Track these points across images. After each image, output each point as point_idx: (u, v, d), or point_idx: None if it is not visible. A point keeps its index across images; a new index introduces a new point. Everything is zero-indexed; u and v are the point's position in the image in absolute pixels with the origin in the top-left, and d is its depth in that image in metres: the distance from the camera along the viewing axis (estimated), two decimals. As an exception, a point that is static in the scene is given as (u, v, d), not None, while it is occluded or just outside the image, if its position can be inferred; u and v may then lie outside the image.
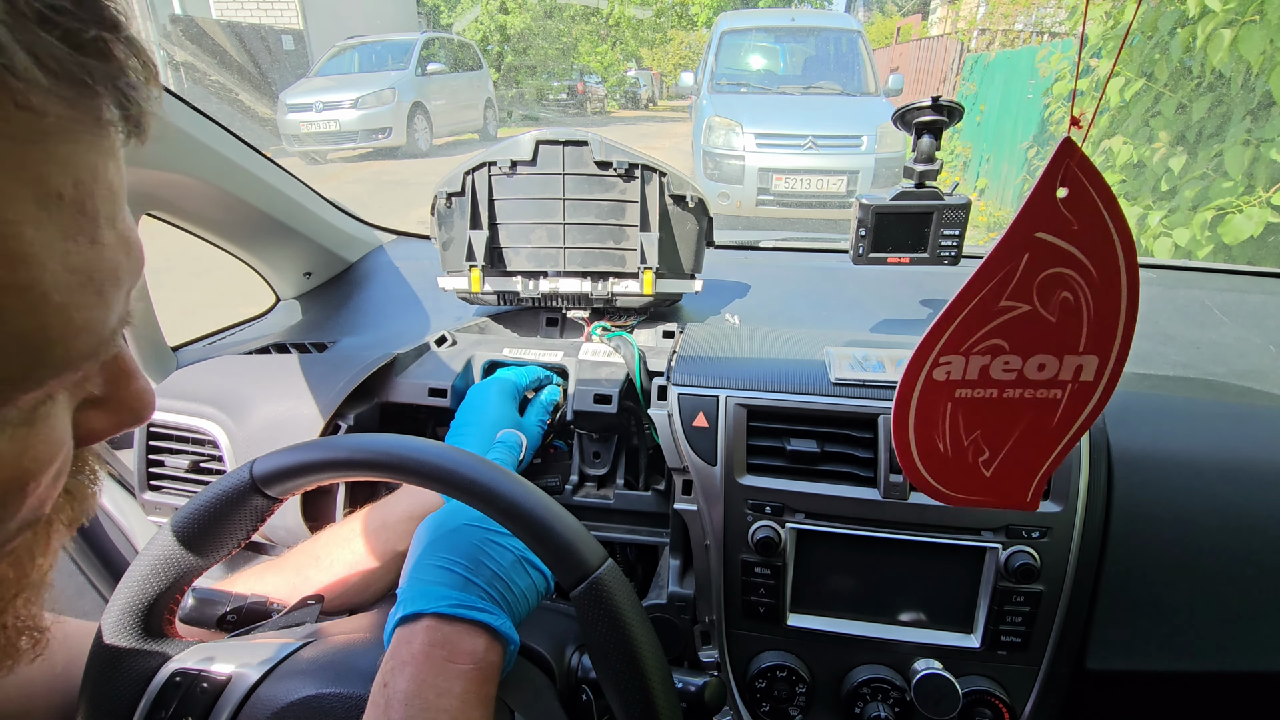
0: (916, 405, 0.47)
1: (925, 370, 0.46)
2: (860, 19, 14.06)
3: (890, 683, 0.74)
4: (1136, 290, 0.43)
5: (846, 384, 0.75)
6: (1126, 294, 0.43)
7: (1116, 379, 0.46)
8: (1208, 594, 0.71)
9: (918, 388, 0.46)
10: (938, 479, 0.51)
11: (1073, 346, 0.45)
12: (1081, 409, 0.47)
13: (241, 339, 1.14)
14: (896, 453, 0.49)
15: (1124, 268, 0.43)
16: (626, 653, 0.42)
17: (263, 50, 11.03)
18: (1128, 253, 0.42)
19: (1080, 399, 0.47)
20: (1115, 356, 0.45)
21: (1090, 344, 0.45)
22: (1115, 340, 0.45)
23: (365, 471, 0.47)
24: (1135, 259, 0.43)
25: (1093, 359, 0.45)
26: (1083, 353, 0.45)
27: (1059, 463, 0.50)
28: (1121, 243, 0.42)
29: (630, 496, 0.87)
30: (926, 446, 0.49)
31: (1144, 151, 3.09)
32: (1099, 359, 0.45)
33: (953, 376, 0.46)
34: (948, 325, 0.44)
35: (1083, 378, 0.46)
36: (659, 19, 18.28)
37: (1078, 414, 0.48)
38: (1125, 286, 0.43)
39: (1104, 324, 0.44)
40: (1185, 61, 2.88)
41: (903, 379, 0.47)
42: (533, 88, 16.87)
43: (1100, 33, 3.42)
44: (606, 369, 0.86)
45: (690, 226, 0.91)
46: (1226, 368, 0.89)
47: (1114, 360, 0.45)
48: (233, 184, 0.95)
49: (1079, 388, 0.47)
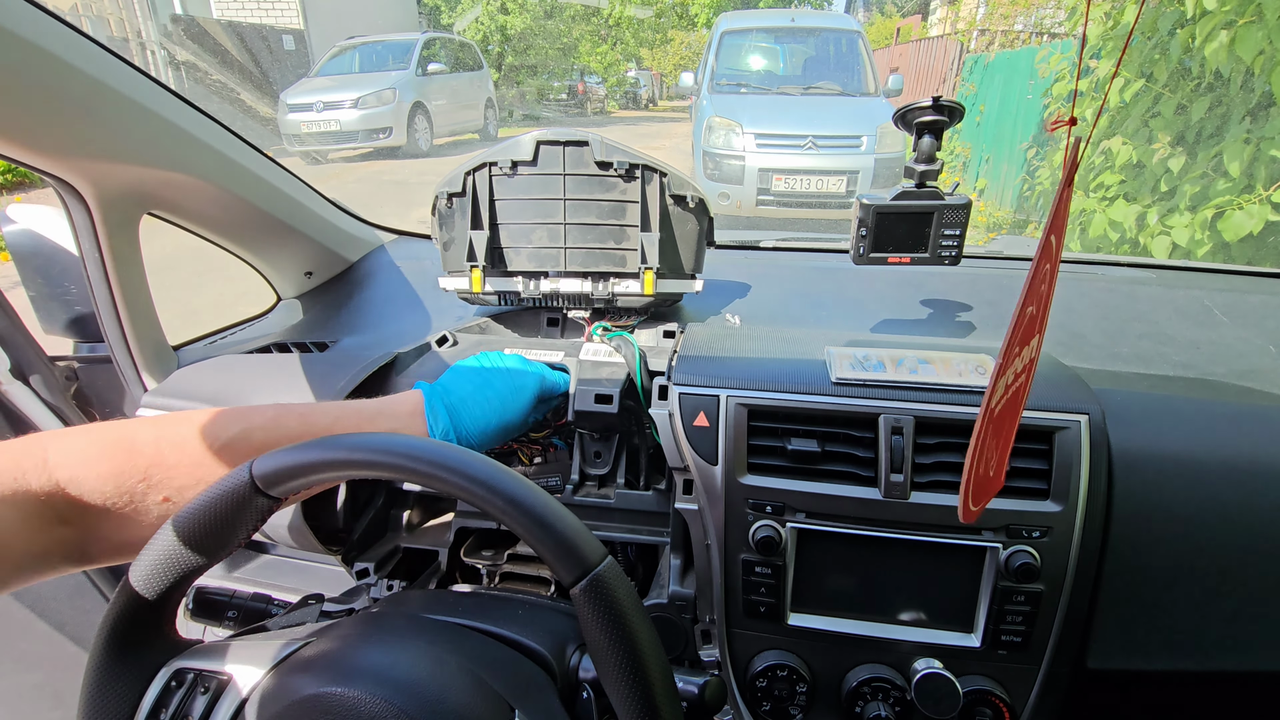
0: (981, 440, 0.46)
1: (989, 404, 0.45)
2: (860, 19, 14.08)
3: (891, 682, 0.74)
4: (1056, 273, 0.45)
5: (847, 384, 0.75)
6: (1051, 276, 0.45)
7: (1040, 347, 0.48)
8: (1208, 593, 0.71)
9: (985, 424, 0.45)
10: (976, 503, 0.50)
11: (1035, 332, 0.47)
12: (1029, 385, 0.49)
13: (242, 338, 1.15)
14: (961, 495, 0.48)
15: (1055, 250, 0.44)
16: (627, 650, 0.42)
17: (263, 50, 11.03)
18: (1061, 235, 0.44)
19: (1030, 376, 0.49)
20: (1043, 331, 0.47)
21: (1040, 325, 0.47)
22: (1048, 316, 0.47)
23: (365, 470, 0.47)
24: (1064, 238, 0.44)
25: (1038, 338, 0.47)
26: (1037, 333, 0.47)
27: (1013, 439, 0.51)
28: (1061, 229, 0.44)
29: (631, 496, 0.87)
30: (981, 477, 0.48)
31: (1143, 152, 3.09)
32: (1039, 336, 0.47)
33: (995, 397, 0.45)
34: (1008, 352, 0.44)
35: (1033, 356, 0.48)
36: (659, 19, 18.29)
37: (1028, 390, 0.50)
38: (1053, 266, 0.45)
39: (1048, 305, 0.46)
40: (1184, 62, 2.89)
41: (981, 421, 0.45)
42: (533, 88, 16.88)
43: (1100, 33, 3.42)
44: (607, 369, 0.86)
45: (691, 227, 0.91)
46: (1226, 368, 0.89)
47: (1042, 335, 0.48)
48: (234, 183, 0.95)
49: (1029, 366, 0.49)
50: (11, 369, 0.99)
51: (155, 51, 8.95)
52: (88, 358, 1.11)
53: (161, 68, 8.90)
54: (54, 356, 1.07)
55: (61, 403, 1.04)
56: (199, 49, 9.50)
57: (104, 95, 0.74)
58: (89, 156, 0.78)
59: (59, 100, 0.70)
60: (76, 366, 1.12)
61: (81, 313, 1.06)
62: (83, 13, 8.24)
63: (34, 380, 1.02)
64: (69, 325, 1.08)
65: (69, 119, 0.73)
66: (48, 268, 1.04)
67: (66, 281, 1.05)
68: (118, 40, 8.51)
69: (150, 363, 0.96)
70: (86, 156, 0.78)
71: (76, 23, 0.71)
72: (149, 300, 0.96)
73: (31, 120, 0.70)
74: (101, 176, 0.82)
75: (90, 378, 1.12)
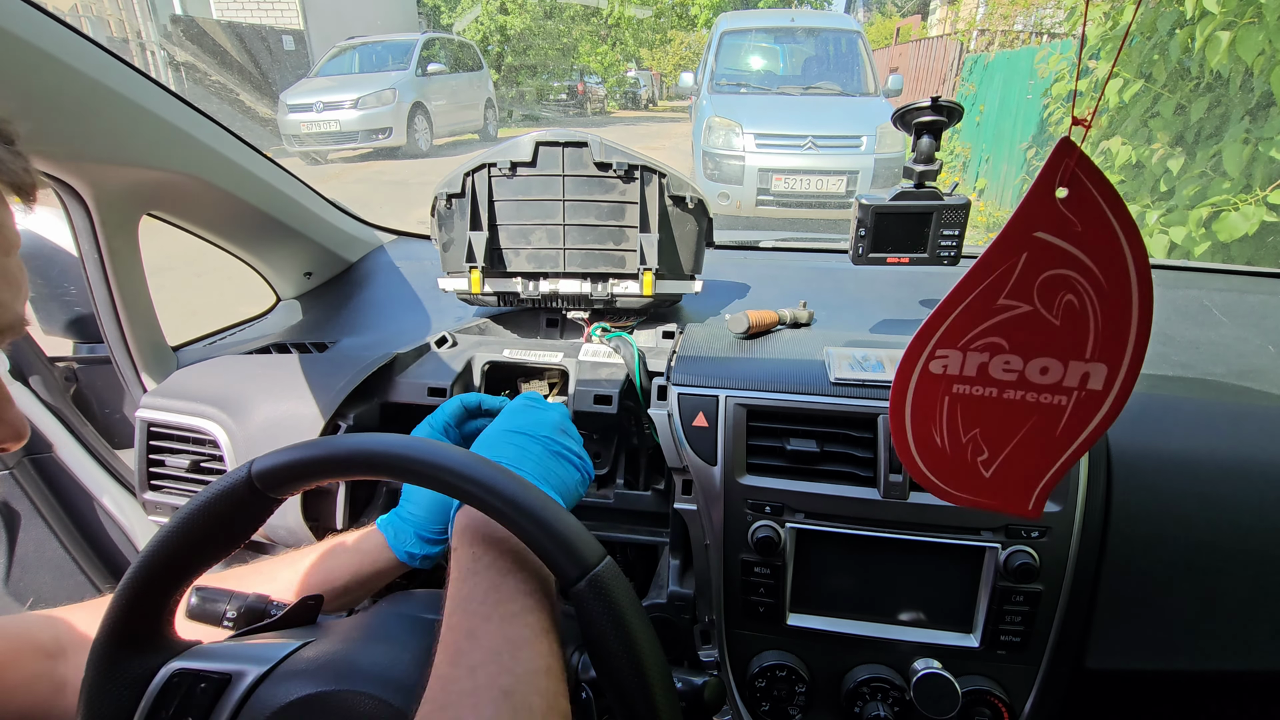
0: (913, 396, 0.47)
1: (921, 362, 0.45)
2: (860, 19, 14.08)
3: (890, 682, 0.74)
4: (1149, 298, 0.41)
5: (846, 384, 0.75)
6: (1138, 301, 0.42)
7: (1129, 390, 0.44)
8: (1207, 593, 0.71)
9: (914, 379, 0.46)
10: (937, 475, 0.50)
11: (1078, 352, 0.44)
12: (1089, 418, 0.46)
13: (242, 339, 1.15)
14: (894, 445, 0.49)
15: (1134, 274, 0.41)
16: (626, 650, 0.42)
17: (263, 50, 11.03)
18: (1138, 258, 0.41)
19: (1088, 408, 0.45)
20: (1127, 366, 0.43)
21: (1098, 351, 0.43)
22: (1127, 349, 0.43)
23: (365, 471, 0.47)
24: (1147, 265, 0.41)
25: (1101, 367, 0.44)
26: (1089, 359, 0.44)
27: (1064, 472, 0.48)
28: (1131, 247, 0.40)
29: (630, 496, 0.87)
30: (924, 440, 0.49)
31: (1143, 152, 3.09)
32: (1108, 368, 0.44)
33: (949, 370, 0.46)
34: (943, 319, 0.44)
35: (1090, 386, 0.45)
36: (659, 19, 18.28)
37: (1085, 423, 0.46)
38: (1136, 293, 0.41)
39: (1113, 331, 0.43)
40: (1184, 62, 2.89)
41: (899, 369, 0.46)
42: (533, 88, 16.88)
43: (1099, 34, 3.42)
44: (606, 369, 0.86)
45: (690, 227, 0.91)
46: (1225, 367, 0.89)
47: (1125, 370, 0.44)
48: (233, 184, 0.95)
49: (1086, 396, 0.45)
50: (11, 370, 1.00)
51: (155, 52, 8.95)
52: (87, 358, 1.11)
53: (161, 68, 8.90)
54: (53, 357, 1.07)
55: (61, 403, 1.04)
56: (199, 50, 9.50)
57: (103, 97, 0.74)
58: (88, 158, 0.78)
59: (59, 102, 0.70)
60: (76, 367, 1.12)
61: (81, 313, 1.07)
62: (83, 13, 8.23)
63: (34, 381, 1.02)
64: (68, 326, 1.08)
65: (69, 120, 0.73)
66: (47, 268, 1.05)
67: (66, 282, 1.05)
68: (118, 41, 8.50)
69: (149, 363, 0.96)
70: (86, 158, 0.78)
71: (76, 24, 0.71)
72: (148, 301, 0.96)
73: (32, 121, 0.70)
74: (101, 178, 0.82)
75: (90, 378, 1.12)
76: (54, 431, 1.03)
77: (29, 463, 1.02)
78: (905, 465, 0.50)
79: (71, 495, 1.06)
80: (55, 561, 1.04)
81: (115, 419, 1.13)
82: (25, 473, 1.01)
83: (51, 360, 1.06)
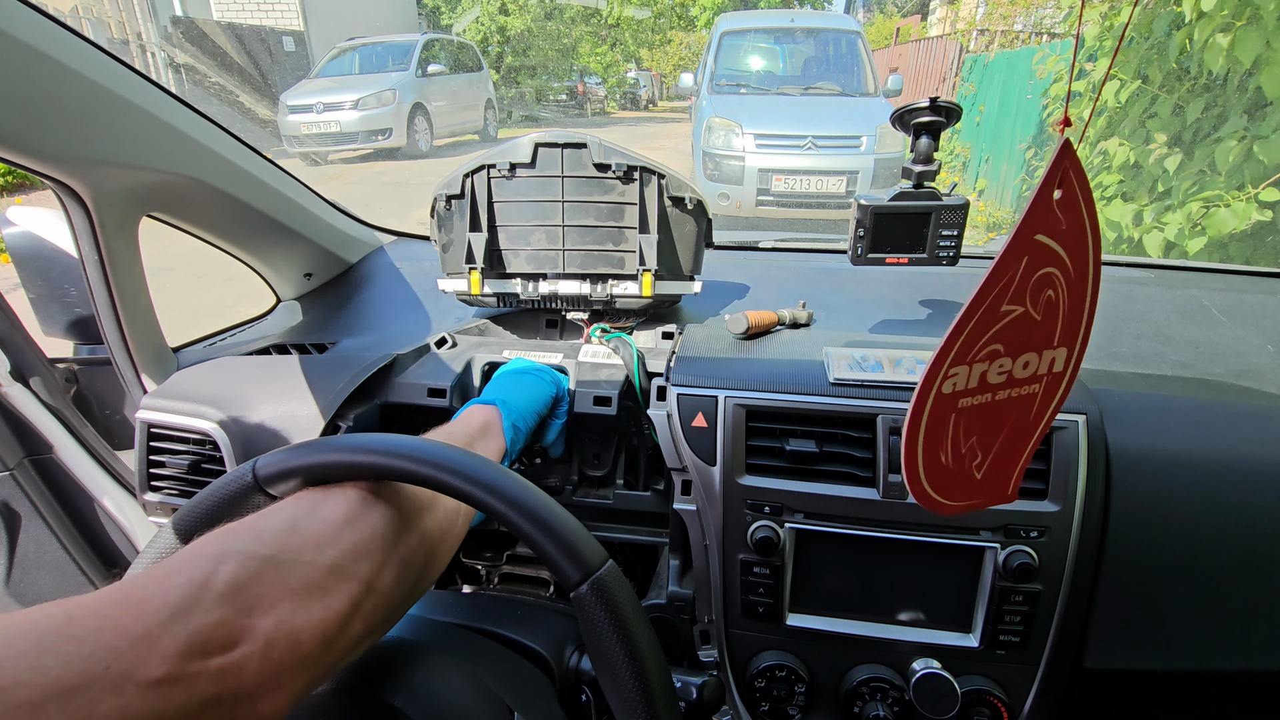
0: (926, 423, 0.46)
1: (936, 385, 0.45)
2: (860, 20, 14.08)
3: (889, 682, 0.74)
4: (1099, 282, 0.45)
5: (845, 384, 0.75)
6: (1092, 286, 0.45)
7: (1079, 365, 0.48)
8: (1205, 593, 0.71)
9: (928, 404, 0.46)
10: (939, 492, 0.50)
11: (1049, 341, 0.46)
12: (1052, 399, 0.49)
13: (242, 340, 1.15)
14: (905, 472, 0.49)
15: (1092, 262, 0.44)
16: (626, 653, 0.43)
17: (263, 52, 11.04)
18: (1097, 247, 0.44)
19: (1052, 389, 0.48)
20: (1080, 345, 0.47)
21: (1063, 337, 0.46)
22: (1081, 330, 0.46)
23: (365, 472, 0.47)
24: (1101, 252, 0.44)
25: (1063, 350, 0.47)
26: (1056, 346, 0.46)
27: (1034, 452, 0.51)
28: (1094, 239, 0.43)
29: (630, 497, 0.87)
30: (932, 461, 0.49)
31: (1140, 153, 3.09)
32: (1068, 350, 0.47)
33: (958, 388, 0.46)
34: (959, 336, 0.44)
35: (1055, 369, 0.47)
36: (659, 20, 18.29)
37: (1049, 404, 0.49)
38: (1092, 279, 0.45)
39: (1074, 316, 0.46)
40: (1181, 63, 2.89)
41: (914, 403, 0.46)
42: (533, 89, 16.89)
43: (1097, 34, 3.43)
44: (606, 370, 0.86)
45: (689, 228, 0.92)
46: (1224, 367, 0.89)
47: (1078, 349, 0.47)
48: (233, 185, 0.95)
49: (1051, 379, 0.48)
50: (11, 371, 1.00)
51: (155, 54, 8.95)
52: (87, 360, 1.11)
53: (162, 70, 8.90)
54: (54, 358, 1.08)
55: (61, 404, 1.04)
56: (199, 51, 9.51)
57: (103, 98, 0.74)
58: (88, 159, 0.78)
59: (59, 103, 0.71)
60: (76, 368, 1.12)
61: (81, 315, 1.07)
62: (83, 15, 8.24)
63: (34, 382, 1.02)
64: (69, 327, 1.09)
65: (68, 122, 0.73)
66: (47, 270, 1.05)
67: (66, 284, 1.05)
68: (118, 42, 8.50)
69: (150, 364, 0.97)
70: (86, 159, 0.78)
71: (77, 25, 0.72)
72: (148, 302, 0.96)
73: (31, 123, 0.70)
74: (101, 179, 0.82)
75: (90, 379, 1.12)
76: (54, 433, 1.03)
77: (29, 464, 1.02)
78: (912, 489, 0.49)
79: (72, 496, 1.06)
80: (56, 562, 1.05)
81: (115, 420, 1.13)
82: (25, 474, 1.02)
83: (52, 361, 1.06)
